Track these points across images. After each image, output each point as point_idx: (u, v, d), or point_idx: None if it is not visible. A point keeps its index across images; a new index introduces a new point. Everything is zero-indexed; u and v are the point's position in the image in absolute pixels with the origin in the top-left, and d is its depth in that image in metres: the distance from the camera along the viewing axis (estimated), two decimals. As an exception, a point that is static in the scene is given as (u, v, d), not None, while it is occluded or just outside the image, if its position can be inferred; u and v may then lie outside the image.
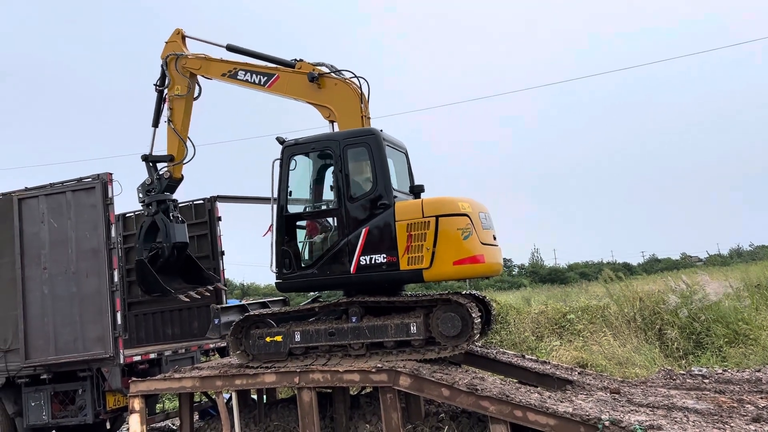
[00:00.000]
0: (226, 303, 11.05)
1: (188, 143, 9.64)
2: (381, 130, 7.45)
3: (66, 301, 9.11)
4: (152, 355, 9.67)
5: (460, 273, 6.79)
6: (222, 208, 11.91)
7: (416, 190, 7.58)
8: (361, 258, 7.03)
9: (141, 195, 9.82)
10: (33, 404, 9.25)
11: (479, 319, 6.86)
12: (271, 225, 7.62)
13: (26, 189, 9.66)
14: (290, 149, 7.67)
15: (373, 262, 6.98)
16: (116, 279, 9.00)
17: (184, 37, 9.78)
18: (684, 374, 8.64)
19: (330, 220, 7.54)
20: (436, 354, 6.81)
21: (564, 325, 13.69)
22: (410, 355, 6.92)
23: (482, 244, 6.82)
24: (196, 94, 9.64)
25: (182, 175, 9.84)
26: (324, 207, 7.72)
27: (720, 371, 8.72)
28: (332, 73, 8.10)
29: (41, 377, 9.18)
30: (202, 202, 11.92)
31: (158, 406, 11.87)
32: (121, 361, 8.80)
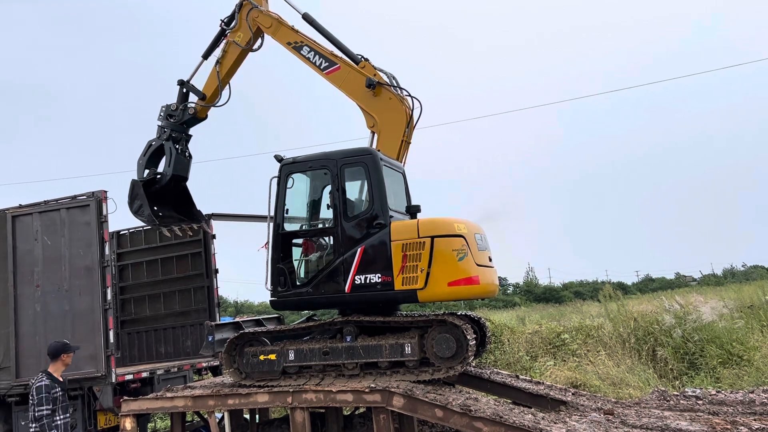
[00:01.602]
0: (220, 320, 11.02)
1: (226, 90, 9.53)
2: (378, 150, 7.49)
3: (58, 319, 9.07)
4: (144, 374, 9.61)
5: (455, 294, 6.77)
6: (216, 226, 11.92)
7: (413, 211, 7.58)
8: (356, 277, 7.01)
9: (162, 114, 9.69)
10: (23, 423, 9.15)
11: (474, 342, 6.84)
12: (267, 242, 7.59)
13: (20, 206, 9.66)
14: (288, 167, 7.65)
15: (367, 281, 6.95)
16: (109, 297, 8.98)
17: None
18: (678, 395, 8.62)
19: (326, 238, 7.51)
20: (430, 375, 6.78)
21: (558, 345, 13.67)
22: (404, 375, 6.88)
23: (477, 265, 6.82)
24: (255, 46, 9.45)
25: (207, 116, 9.77)
26: (320, 225, 7.72)
27: (714, 392, 8.71)
28: (392, 87, 8.07)
29: (32, 396, 9.09)
30: (196, 219, 11.91)
31: (150, 425, 11.76)
32: (113, 380, 8.75)
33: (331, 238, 7.35)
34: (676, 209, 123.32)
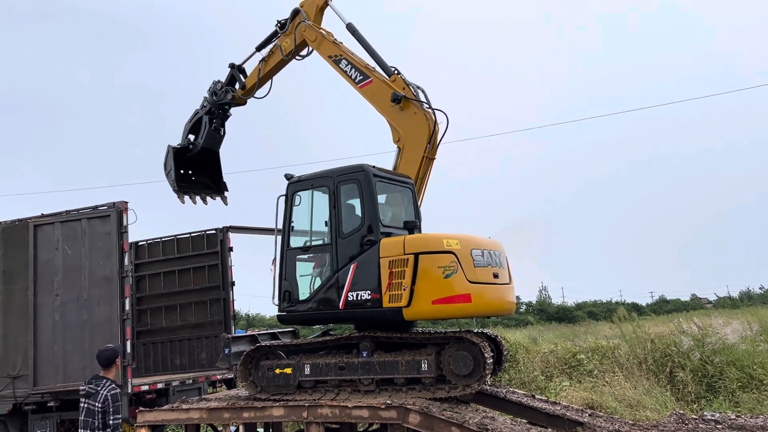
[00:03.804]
0: (235, 333, 11.05)
1: (264, 87, 9.91)
2: (374, 166, 7.47)
3: (77, 329, 9.14)
4: (160, 385, 9.65)
5: (441, 312, 6.64)
6: (234, 238, 11.99)
7: (409, 226, 7.36)
8: (349, 294, 7.02)
9: (210, 88, 10.20)
10: (39, 432, 9.21)
11: (491, 360, 6.79)
12: (274, 258, 7.76)
13: (42, 215, 9.77)
14: (293, 186, 7.80)
15: (359, 298, 6.94)
16: (127, 307, 9.04)
17: (324, 7, 9.53)
18: (696, 419, 8.48)
19: (324, 255, 7.57)
20: (447, 393, 6.72)
21: (574, 365, 13.53)
22: (420, 392, 6.83)
23: (472, 282, 6.62)
24: (304, 52, 9.61)
25: (246, 102, 10.17)
26: (320, 242, 7.77)
27: (733, 417, 8.55)
28: (417, 102, 7.97)
29: (48, 404, 9.15)
30: (214, 232, 12.01)
31: (163, 437, 11.76)
32: (129, 391, 8.78)
33: (329, 254, 7.41)
34: (692, 230, 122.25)
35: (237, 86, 10.13)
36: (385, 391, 6.99)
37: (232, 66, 10.09)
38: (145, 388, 9.36)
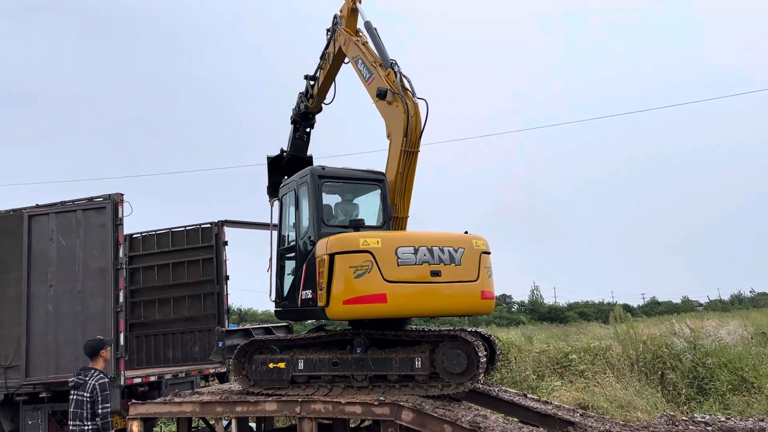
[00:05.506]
0: (228, 327, 11.07)
1: (330, 93, 9.90)
2: (323, 167, 7.54)
3: (70, 320, 9.12)
4: (153, 378, 9.64)
5: (354, 313, 6.58)
6: (229, 232, 11.99)
7: (353, 224, 7.24)
8: (302, 292, 7.23)
9: (296, 101, 10.36)
10: (30, 423, 9.19)
11: (485, 358, 6.82)
12: (270, 258, 8.08)
13: (37, 206, 9.74)
14: (281, 189, 8.22)
15: (306, 296, 7.15)
16: (121, 299, 9.03)
17: (355, 10, 9.40)
18: (687, 421, 8.53)
19: (294, 254, 7.76)
20: (440, 390, 6.74)
21: (565, 365, 13.59)
22: (413, 390, 6.85)
23: (390, 282, 6.47)
24: (346, 60, 9.39)
25: (321, 108, 10.15)
26: (292, 243, 7.95)
27: (723, 419, 8.61)
28: (397, 94, 7.68)
29: (40, 395, 9.13)
30: (209, 226, 12.00)
31: (155, 430, 11.76)
32: (122, 383, 8.77)
33: (295, 254, 7.67)
34: (684, 233, 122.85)
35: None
36: (378, 388, 7.00)
37: (306, 77, 10.21)
38: (138, 380, 9.35)
